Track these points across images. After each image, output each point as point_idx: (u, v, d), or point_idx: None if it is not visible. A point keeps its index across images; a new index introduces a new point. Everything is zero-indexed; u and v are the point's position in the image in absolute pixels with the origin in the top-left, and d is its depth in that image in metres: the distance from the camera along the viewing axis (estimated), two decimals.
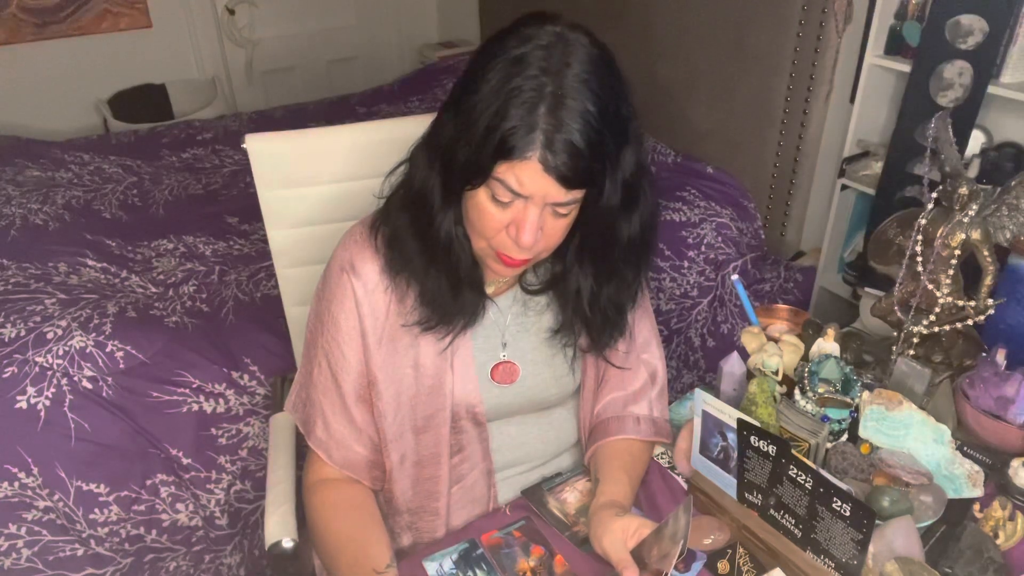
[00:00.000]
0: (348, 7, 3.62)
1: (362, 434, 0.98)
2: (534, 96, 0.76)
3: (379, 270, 0.94)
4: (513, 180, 0.79)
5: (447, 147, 0.83)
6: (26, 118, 2.96)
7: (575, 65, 0.78)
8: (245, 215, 2.22)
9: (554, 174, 0.78)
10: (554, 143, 0.77)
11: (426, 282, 0.92)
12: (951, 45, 1.66)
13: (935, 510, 0.96)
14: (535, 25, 0.80)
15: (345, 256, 0.95)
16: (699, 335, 2.11)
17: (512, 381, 1.01)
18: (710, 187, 2.29)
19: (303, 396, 1.02)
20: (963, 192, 1.10)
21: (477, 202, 0.83)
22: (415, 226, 0.90)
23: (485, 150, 0.78)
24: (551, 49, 0.78)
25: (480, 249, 0.90)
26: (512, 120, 0.76)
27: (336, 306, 0.95)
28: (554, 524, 1.00)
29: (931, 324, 1.16)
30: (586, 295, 0.95)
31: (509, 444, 1.05)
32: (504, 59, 0.78)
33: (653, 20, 2.50)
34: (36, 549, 1.48)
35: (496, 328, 1.00)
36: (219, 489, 1.62)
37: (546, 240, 0.86)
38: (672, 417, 1.13)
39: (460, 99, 0.82)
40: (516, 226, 0.83)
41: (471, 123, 0.79)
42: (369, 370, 0.96)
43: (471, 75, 0.81)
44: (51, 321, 1.60)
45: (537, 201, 0.81)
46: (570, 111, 0.76)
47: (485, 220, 0.84)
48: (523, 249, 0.84)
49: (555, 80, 0.77)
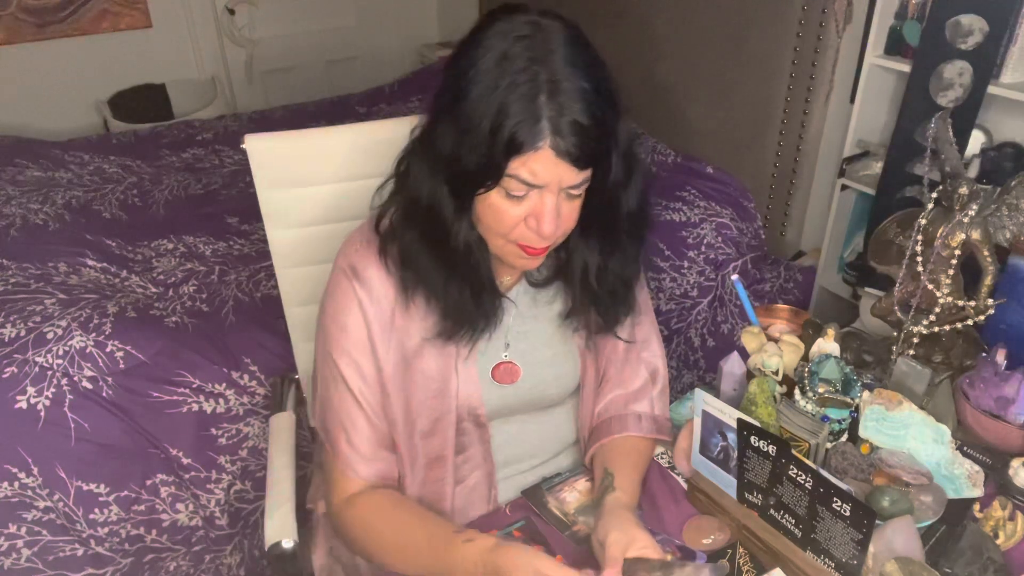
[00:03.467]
0: (348, 7, 3.62)
1: (387, 438, 0.98)
2: (530, 86, 0.77)
3: (383, 277, 0.93)
4: (527, 173, 0.79)
5: (451, 155, 0.82)
6: (26, 118, 2.96)
7: (558, 49, 0.79)
8: (245, 215, 2.22)
9: (567, 158, 0.78)
10: (561, 127, 0.77)
11: (448, 296, 0.91)
12: (951, 45, 1.66)
13: (935, 510, 0.96)
14: (504, 19, 0.81)
15: (346, 263, 0.95)
16: (699, 335, 2.11)
17: (513, 381, 1.01)
18: (710, 187, 2.29)
19: (323, 411, 1.00)
20: (963, 192, 1.10)
21: (491, 203, 0.83)
22: (428, 240, 0.89)
23: (495, 150, 0.78)
24: (531, 39, 0.79)
25: (498, 247, 0.89)
26: (515, 115, 0.77)
27: (343, 315, 0.94)
28: (554, 524, 1.00)
29: (931, 324, 1.16)
30: (593, 270, 0.95)
31: (508, 442, 1.05)
32: (488, 58, 0.79)
33: (653, 20, 2.50)
34: (36, 549, 1.48)
35: (499, 329, 1.00)
36: (219, 489, 1.62)
37: (564, 224, 0.86)
38: (672, 417, 1.13)
39: (452, 106, 0.81)
40: (535, 217, 0.83)
41: (472, 127, 0.79)
42: (380, 377, 0.95)
43: (457, 80, 0.81)
44: (51, 321, 1.60)
45: (552, 188, 0.82)
46: (568, 93, 0.77)
47: (502, 218, 0.84)
48: (544, 238, 0.85)
49: (545, 67, 0.78)
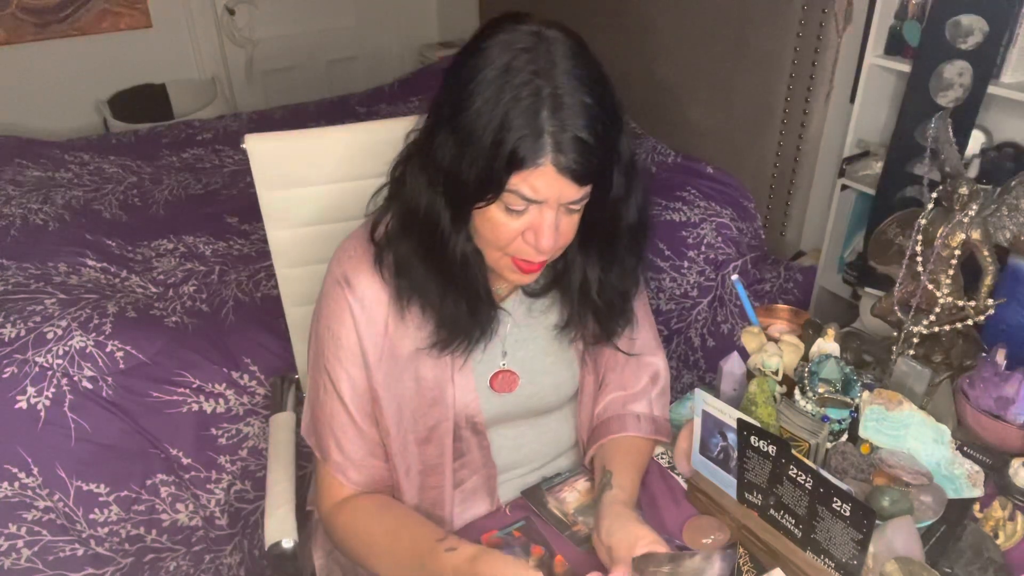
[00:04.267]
0: (348, 7, 3.62)
1: (377, 447, 0.98)
2: (533, 101, 0.76)
3: (379, 287, 0.92)
4: (528, 189, 0.79)
5: (450, 167, 0.81)
6: (26, 118, 2.96)
7: (561, 62, 0.78)
8: (245, 215, 2.22)
9: (568, 174, 0.78)
10: (562, 143, 0.77)
11: (444, 307, 0.90)
12: (951, 45, 1.66)
13: (935, 510, 0.96)
14: (508, 28, 0.80)
15: (339, 271, 0.94)
16: (699, 335, 2.11)
17: (511, 390, 1.01)
18: (710, 187, 2.29)
19: (313, 418, 1.00)
20: (963, 192, 1.10)
21: (489, 216, 0.83)
22: (424, 251, 0.88)
23: (496, 164, 0.77)
24: (534, 51, 0.78)
25: (495, 260, 0.89)
26: (518, 130, 0.76)
27: (336, 323, 0.94)
28: (554, 524, 1.00)
29: (931, 324, 1.16)
30: (594, 284, 0.95)
31: (507, 447, 1.05)
32: (490, 70, 0.78)
33: (653, 20, 2.50)
34: (36, 549, 1.48)
35: (496, 337, 0.99)
36: (219, 489, 1.62)
37: (562, 239, 0.86)
38: (672, 417, 1.13)
39: (453, 117, 0.80)
40: (534, 232, 0.82)
41: (473, 139, 0.78)
42: (371, 386, 0.95)
43: (458, 91, 0.80)
44: (51, 321, 1.60)
45: (552, 204, 0.81)
46: (571, 108, 0.77)
47: (499, 232, 0.83)
48: (542, 252, 0.84)
49: (548, 81, 0.77)
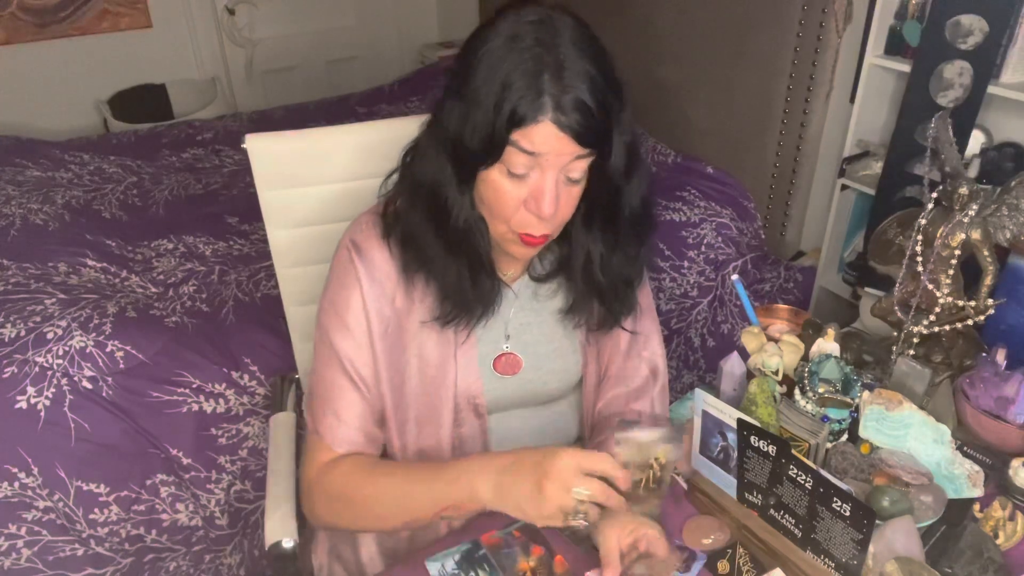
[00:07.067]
0: (348, 7, 3.62)
1: (378, 414, 0.99)
2: (536, 65, 0.79)
3: (387, 257, 0.95)
4: (527, 143, 0.81)
5: (456, 132, 0.84)
6: (26, 118, 2.96)
7: (566, 33, 0.81)
8: (245, 215, 2.22)
9: (568, 132, 0.80)
10: (563, 104, 0.79)
11: (446, 274, 0.93)
12: (951, 45, 1.66)
13: (935, 510, 0.96)
14: (518, 8, 0.83)
15: (349, 239, 0.97)
16: (699, 335, 2.11)
17: (514, 372, 1.02)
18: (710, 187, 2.29)
19: (311, 385, 1.01)
20: (963, 192, 1.10)
21: (492, 181, 0.85)
22: (430, 219, 0.91)
23: (498, 123, 0.80)
24: (541, 24, 0.81)
25: (499, 234, 0.91)
26: (518, 89, 0.79)
27: (344, 289, 0.96)
28: None
29: (931, 324, 1.16)
30: (596, 261, 0.96)
31: (510, 437, 1.05)
32: (497, 39, 0.81)
33: (653, 20, 2.50)
34: (36, 549, 1.48)
35: (500, 319, 1.01)
36: (219, 489, 1.62)
37: (562, 210, 0.87)
38: (672, 417, 1.13)
39: (460, 85, 0.83)
40: (535, 198, 0.84)
41: (478, 103, 0.81)
42: (373, 357, 0.96)
43: (466, 62, 0.83)
44: (51, 321, 1.60)
45: (552, 163, 0.82)
46: (573, 74, 0.79)
47: (502, 198, 0.85)
48: (544, 222, 0.86)
49: (551, 51, 0.79)
